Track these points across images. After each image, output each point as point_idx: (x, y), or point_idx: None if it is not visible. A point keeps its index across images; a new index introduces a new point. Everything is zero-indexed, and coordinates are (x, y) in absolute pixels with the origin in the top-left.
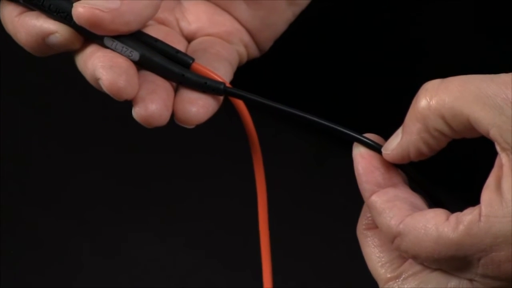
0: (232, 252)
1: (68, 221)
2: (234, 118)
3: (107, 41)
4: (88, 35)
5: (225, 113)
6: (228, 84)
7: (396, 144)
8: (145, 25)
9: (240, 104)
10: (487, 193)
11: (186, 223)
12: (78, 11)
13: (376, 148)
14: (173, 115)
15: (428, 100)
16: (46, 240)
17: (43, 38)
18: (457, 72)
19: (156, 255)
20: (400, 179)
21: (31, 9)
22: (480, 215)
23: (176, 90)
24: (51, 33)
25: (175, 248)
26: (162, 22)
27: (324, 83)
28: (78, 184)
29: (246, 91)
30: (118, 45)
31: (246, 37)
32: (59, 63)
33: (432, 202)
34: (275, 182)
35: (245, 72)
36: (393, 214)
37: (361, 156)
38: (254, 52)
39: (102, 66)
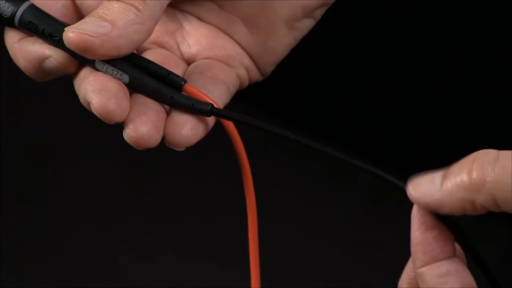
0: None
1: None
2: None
3: (98, 65)
4: (81, 59)
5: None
6: (217, 105)
7: (429, 193)
8: (139, 49)
9: (230, 126)
10: None
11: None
12: (68, 36)
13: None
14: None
15: (482, 176)
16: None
17: (40, 63)
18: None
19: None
20: (455, 251)
21: (31, 35)
22: None
23: (168, 113)
24: (46, 57)
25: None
26: (163, 46)
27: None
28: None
29: (239, 112)
30: (109, 68)
31: (247, 61)
32: None
33: (487, 279)
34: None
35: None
36: None
37: (421, 221)
38: (256, 76)
39: (92, 90)
